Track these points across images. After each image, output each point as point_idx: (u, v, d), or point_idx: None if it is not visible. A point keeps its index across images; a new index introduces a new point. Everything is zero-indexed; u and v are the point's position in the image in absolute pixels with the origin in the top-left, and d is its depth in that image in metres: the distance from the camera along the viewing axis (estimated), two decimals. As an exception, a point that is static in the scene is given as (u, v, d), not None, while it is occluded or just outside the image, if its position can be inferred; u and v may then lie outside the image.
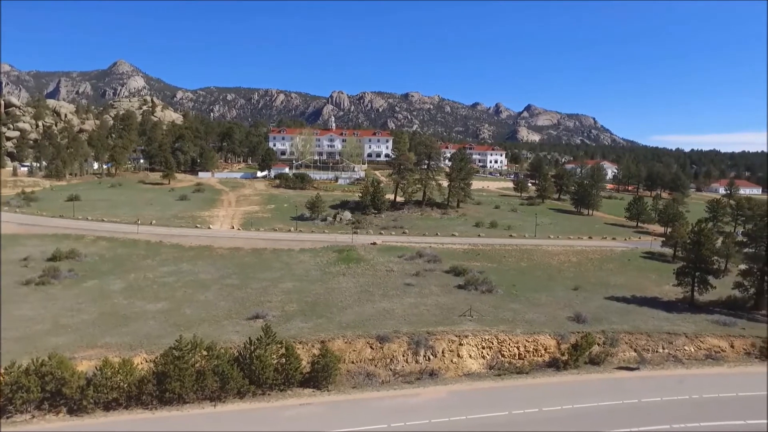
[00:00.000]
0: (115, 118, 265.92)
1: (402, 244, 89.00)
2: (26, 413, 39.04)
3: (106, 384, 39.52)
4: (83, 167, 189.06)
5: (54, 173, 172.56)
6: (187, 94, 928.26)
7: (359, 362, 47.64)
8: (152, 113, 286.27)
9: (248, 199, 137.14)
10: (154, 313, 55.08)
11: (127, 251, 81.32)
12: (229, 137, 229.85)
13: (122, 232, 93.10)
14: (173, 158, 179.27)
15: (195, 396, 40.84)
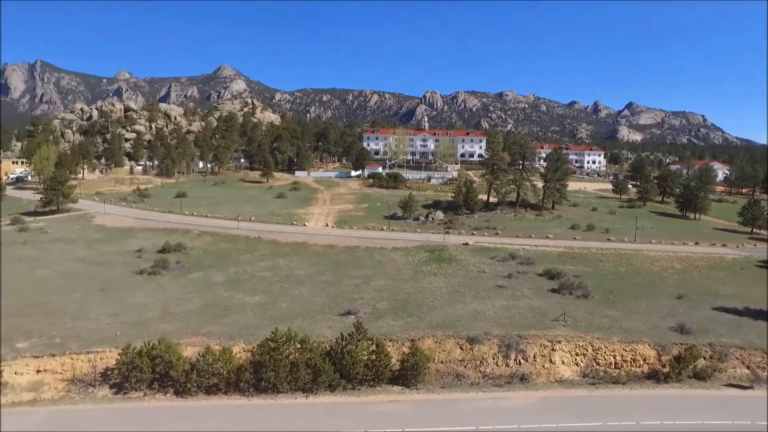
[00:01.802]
0: (219, 120, 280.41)
1: (494, 245, 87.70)
2: (139, 391, 42.36)
3: (207, 370, 42.02)
4: (190, 166, 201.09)
5: (164, 172, 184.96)
6: (285, 95, 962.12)
7: (449, 362, 47.50)
8: (252, 115, 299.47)
9: (342, 197, 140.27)
10: (252, 305, 57.68)
11: (228, 246, 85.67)
12: (325, 137, 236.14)
13: (224, 227, 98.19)
14: (271, 157, 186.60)
15: (288, 386, 42.42)
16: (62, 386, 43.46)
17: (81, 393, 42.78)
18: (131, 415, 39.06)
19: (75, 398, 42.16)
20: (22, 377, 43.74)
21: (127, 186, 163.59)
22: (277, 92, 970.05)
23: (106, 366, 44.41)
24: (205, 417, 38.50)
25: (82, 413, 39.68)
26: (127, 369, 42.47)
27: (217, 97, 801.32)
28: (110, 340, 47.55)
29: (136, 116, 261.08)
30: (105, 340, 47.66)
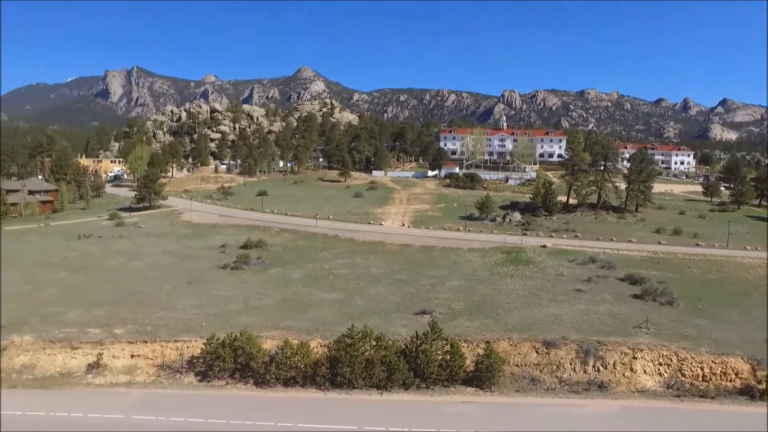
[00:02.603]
0: (299, 120, 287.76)
1: (573, 248, 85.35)
2: (222, 380, 44.46)
3: (286, 362, 43.46)
4: (271, 165, 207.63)
5: (247, 170, 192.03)
6: (363, 96, 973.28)
7: (524, 366, 46.74)
8: (331, 115, 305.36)
9: (419, 197, 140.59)
10: (329, 302, 59.04)
11: (307, 243, 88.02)
12: (402, 137, 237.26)
13: (303, 225, 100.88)
14: (349, 157, 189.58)
15: (363, 382, 43.14)
16: (153, 371, 46.29)
17: (169, 378, 45.40)
18: (214, 402, 41.01)
19: (164, 383, 44.77)
20: (118, 361, 47.05)
21: (212, 184, 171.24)
22: (355, 93, 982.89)
23: (192, 354, 46.91)
24: (282, 408, 39.86)
25: (170, 397, 42.11)
26: (211, 358, 44.69)
27: (297, 98, 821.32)
28: (196, 330, 50.17)
29: (221, 117, 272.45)
30: (191, 330, 50.35)
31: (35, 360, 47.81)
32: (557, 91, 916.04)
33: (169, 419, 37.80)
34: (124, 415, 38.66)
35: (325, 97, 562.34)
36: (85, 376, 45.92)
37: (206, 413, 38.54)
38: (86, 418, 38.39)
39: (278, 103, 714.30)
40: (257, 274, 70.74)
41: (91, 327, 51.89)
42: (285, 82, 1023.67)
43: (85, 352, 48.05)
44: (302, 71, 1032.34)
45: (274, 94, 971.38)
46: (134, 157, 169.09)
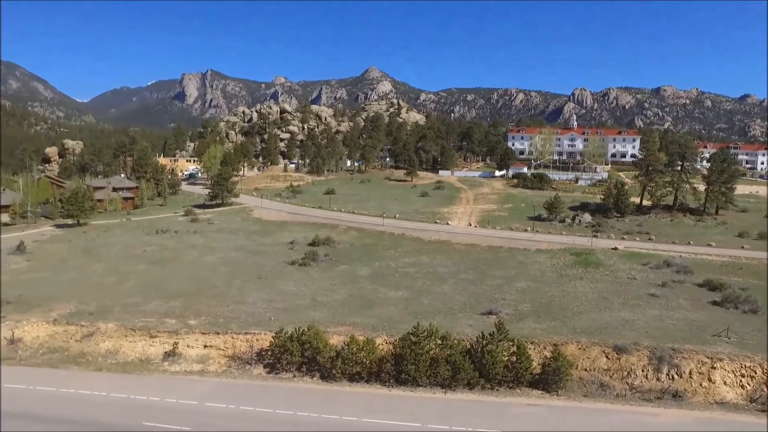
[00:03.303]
0: (366, 120, 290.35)
1: (647, 251, 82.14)
2: (289, 372, 45.61)
3: (351, 358, 44.05)
4: (338, 164, 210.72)
5: (315, 169, 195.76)
6: (430, 96, 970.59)
7: (593, 370, 45.40)
8: (398, 115, 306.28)
9: (486, 197, 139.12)
10: (395, 300, 59.40)
11: (373, 241, 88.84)
12: (469, 137, 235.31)
13: (369, 223, 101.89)
14: (416, 157, 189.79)
15: (428, 381, 43.16)
16: (224, 361, 48.06)
17: (239, 369, 46.98)
18: (282, 394, 42.12)
19: (234, 373, 46.38)
20: (192, 350, 49.18)
21: (282, 183, 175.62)
22: (422, 92, 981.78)
23: (261, 347, 48.35)
24: (347, 402, 40.42)
25: (240, 387, 43.59)
26: (279, 351, 45.92)
27: (365, 98, 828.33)
28: (265, 324, 51.70)
29: (291, 118, 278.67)
30: (260, 323, 51.93)
31: (118, 346, 50.77)
32: (631, 89, 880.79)
33: (239, 408, 39.14)
34: (197, 401, 40.33)
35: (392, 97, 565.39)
36: (162, 363, 48.26)
37: (274, 404, 39.64)
38: (163, 402, 40.34)
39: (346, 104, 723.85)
40: (324, 270, 72.04)
41: (168, 317, 54.51)
42: (352, 82, 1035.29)
43: (162, 340, 50.57)
44: (369, 72, 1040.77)
45: (341, 94, 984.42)
46: (208, 157, 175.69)
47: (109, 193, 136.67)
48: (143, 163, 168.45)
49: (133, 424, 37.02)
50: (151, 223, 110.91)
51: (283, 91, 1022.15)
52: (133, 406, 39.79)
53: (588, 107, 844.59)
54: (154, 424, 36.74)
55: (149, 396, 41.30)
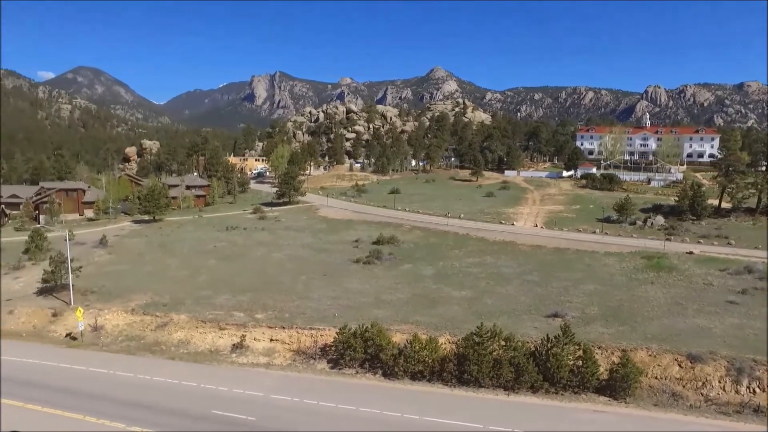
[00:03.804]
0: (431, 120, 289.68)
1: (725, 255, 77.97)
2: (352, 368, 46.19)
3: (414, 356, 44.16)
4: (403, 164, 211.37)
5: (380, 169, 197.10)
6: (496, 95, 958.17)
7: (664, 379, 43.55)
8: (463, 114, 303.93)
9: (552, 198, 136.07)
10: (459, 299, 59.08)
11: (437, 241, 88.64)
12: (536, 136, 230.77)
13: (434, 223, 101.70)
14: (481, 156, 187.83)
15: (490, 382, 42.69)
16: (289, 355, 49.24)
17: (304, 363, 48.02)
18: (344, 390, 42.71)
19: (299, 367, 47.45)
20: (259, 343, 50.68)
21: (347, 182, 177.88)
22: (488, 92, 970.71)
23: (325, 342, 49.24)
24: (409, 400, 40.53)
25: (304, 381, 44.54)
26: (342, 347, 46.61)
27: (430, 98, 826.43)
28: (329, 320, 52.62)
29: (356, 117, 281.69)
30: (325, 319, 52.88)
31: (189, 337, 53.03)
32: (710, 85, 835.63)
33: (303, 401, 40.00)
34: (263, 393, 41.51)
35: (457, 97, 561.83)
36: (230, 354, 49.99)
37: (337, 399, 40.25)
38: (230, 392, 41.77)
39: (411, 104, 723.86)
40: (389, 269, 72.50)
41: (236, 311, 56.42)
42: (417, 82, 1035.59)
43: (230, 333, 52.40)
44: (435, 71, 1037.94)
45: (407, 94, 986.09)
46: (276, 156, 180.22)
47: (182, 191, 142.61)
48: (214, 162, 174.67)
49: (202, 411, 38.54)
50: (222, 220, 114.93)
51: (349, 91, 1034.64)
52: (202, 395, 41.44)
53: (662, 105, 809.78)
54: (222, 413, 38.10)
55: (218, 386, 42.87)
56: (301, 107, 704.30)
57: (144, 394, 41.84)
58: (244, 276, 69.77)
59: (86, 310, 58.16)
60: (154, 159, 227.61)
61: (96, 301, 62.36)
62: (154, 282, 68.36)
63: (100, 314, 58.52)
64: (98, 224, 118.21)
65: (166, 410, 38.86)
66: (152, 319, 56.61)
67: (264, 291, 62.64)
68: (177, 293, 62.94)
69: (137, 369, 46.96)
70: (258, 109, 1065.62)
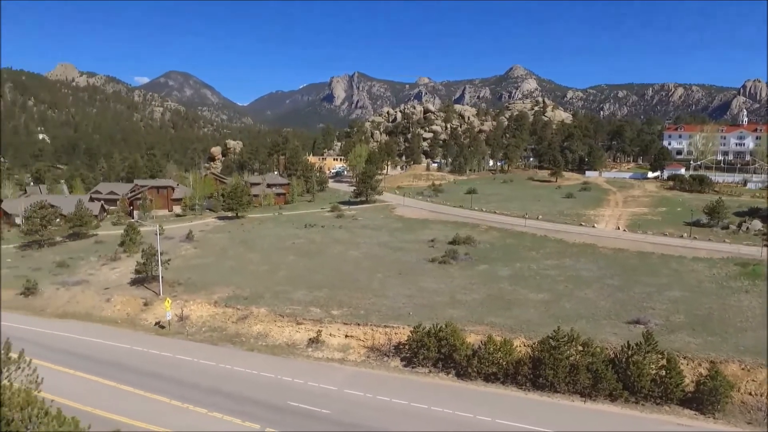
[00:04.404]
0: (509, 119, 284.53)
1: (832, 264, 71.96)
2: (425, 367, 46.28)
3: (488, 358, 43.69)
4: (480, 164, 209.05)
5: (457, 169, 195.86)
6: (577, 93, 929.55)
7: (759, 395, 40.71)
8: (543, 113, 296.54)
9: (636, 200, 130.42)
10: (535, 302, 57.85)
11: (514, 242, 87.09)
12: (619, 135, 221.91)
13: (511, 224, 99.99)
14: (561, 157, 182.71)
15: (566, 387, 41.58)
16: (363, 352, 49.95)
17: (377, 360, 48.57)
18: (417, 388, 42.88)
19: (372, 364, 48.04)
20: (334, 339, 51.74)
21: (424, 181, 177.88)
22: (569, 90, 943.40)
23: (399, 340, 49.58)
24: (482, 402, 40.16)
25: (377, 377, 45.08)
26: (416, 346, 46.77)
27: (508, 97, 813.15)
28: (404, 318, 52.93)
29: (434, 117, 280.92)
30: (399, 318, 53.24)
31: (268, 330, 54.89)
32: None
33: (376, 397, 40.50)
34: (337, 387, 42.39)
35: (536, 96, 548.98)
36: (306, 349, 51.31)
37: (409, 397, 40.49)
38: (306, 385, 42.93)
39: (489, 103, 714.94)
40: (464, 269, 72.00)
41: (313, 306, 57.81)
42: (496, 81, 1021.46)
43: (307, 328, 53.79)
44: (514, 70, 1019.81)
45: (485, 93, 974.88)
46: (354, 155, 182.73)
47: (263, 189, 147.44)
48: (294, 162, 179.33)
49: (279, 402, 39.84)
50: (300, 217, 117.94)
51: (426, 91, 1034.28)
52: (279, 386, 42.82)
53: (763, 101, 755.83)
54: (297, 405, 39.24)
55: (294, 378, 44.17)
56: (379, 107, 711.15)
57: (225, 382, 43.75)
58: (321, 273, 71.35)
59: (173, 301, 61.44)
60: (237, 158, 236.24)
61: (182, 292, 65.74)
62: (236, 276, 71.16)
63: (186, 305, 61.65)
64: (185, 220, 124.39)
65: (246, 399, 40.47)
66: (233, 311, 59.02)
67: (340, 288, 63.81)
68: (257, 287, 65.26)
69: (219, 358, 49.16)
70: (337, 110, 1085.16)
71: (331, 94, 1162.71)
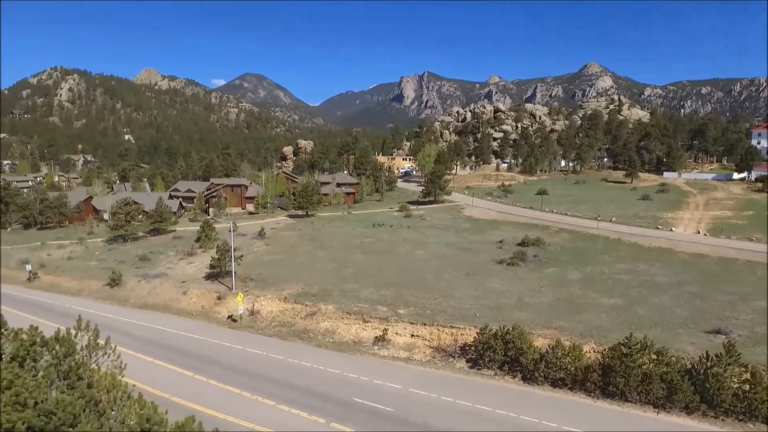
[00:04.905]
0: (583, 118, 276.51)
1: None
2: (491, 369, 45.79)
3: (556, 363, 42.71)
4: (552, 164, 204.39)
5: (527, 169, 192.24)
6: (656, 90, 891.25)
7: None
8: (618, 112, 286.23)
9: (719, 202, 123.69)
10: (606, 307, 56.02)
11: (585, 245, 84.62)
12: (701, 134, 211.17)
13: (582, 226, 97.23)
14: (637, 157, 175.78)
15: (638, 397, 40.04)
16: (429, 352, 49.98)
17: (443, 360, 48.48)
18: (482, 390, 42.49)
19: (438, 364, 47.99)
20: (400, 338, 52.06)
21: (493, 182, 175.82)
22: (646, 87, 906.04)
23: (465, 341, 49.30)
24: (548, 407, 39.33)
25: (442, 378, 44.98)
26: (482, 348, 46.34)
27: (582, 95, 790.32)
28: (470, 319, 52.56)
29: (504, 117, 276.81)
30: (465, 318, 52.91)
31: (335, 327, 55.88)
32: None
33: (440, 398, 40.46)
34: (401, 386, 42.64)
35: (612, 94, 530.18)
36: (372, 347, 51.86)
37: (474, 398, 40.20)
38: (371, 382, 43.44)
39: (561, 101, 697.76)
40: (533, 271, 70.68)
41: (379, 305, 58.35)
42: (569, 79, 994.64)
43: (373, 326, 54.36)
44: (588, 67, 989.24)
45: (557, 92, 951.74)
46: (423, 155, 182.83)
47: (333, 189, 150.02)
48: (364, 161, 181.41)
49: (344, 398, 40.54)
50: (369, 216, 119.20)
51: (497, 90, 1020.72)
52: (345, 382, 43.54)
53: None
54: (362, 401, 39.79)
55: (359, 375, 44.79)
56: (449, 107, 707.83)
57: (293, 376, 44.96)
58: (388, 271, 71.87)
59: (245, 296, 63.66)
60: (308, 157, 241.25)
61: (254, 287, 67.95)
62: (305, 273, 72.81)
63: (257, 300, 63.70)
64: (257, 218, 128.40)
65: (313, 393, 41.45)
66: (302, 307, 60.45)
67: (407, 287, 64.06)
68: (325, 284, 66.53)
69: (288, 353, 50.54)
70: (406, 109, 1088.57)
71: (400, 94, 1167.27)
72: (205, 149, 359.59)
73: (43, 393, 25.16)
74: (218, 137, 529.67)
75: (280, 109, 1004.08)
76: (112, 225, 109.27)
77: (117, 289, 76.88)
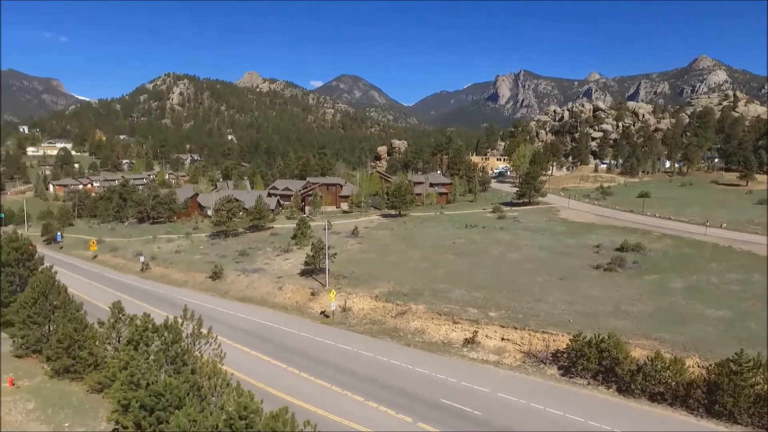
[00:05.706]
0: (691, 116, 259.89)
1: None
2: (583, 378, 44.25)
3: (655, 376, 40.52)
4: (655, 165, 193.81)
5: (628, 170, 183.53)
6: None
7: None
8: (733, 108, 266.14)
9: None
10: (714, 319, 52.46)
11: (691, 252, 79.55)
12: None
13: (688, 231, 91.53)
14: (754, 157, 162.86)
15: (749, 420, 37.19)
16: (519, 356, 49.06)
17: (533, 366, 47.41)
18: (574, 399, 41.12)
19: (528, 369, 47.01)
20: (490, 341, 51.49)
21: (591, 183, 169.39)
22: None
23: (557, 348, 47.95)
24: (645, 422, 37.41)
25: (532, 384, 44.01)
26: (575, 355, 44.85)
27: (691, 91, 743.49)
28: (563, 325, 51.04)
29: (604, 115, 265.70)
30: (558, 324, 51.43)
31: (425, 326, 56.14)
32: None
33: (529, 404, 39.62)
34: (490, 390, 42.16)
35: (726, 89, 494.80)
36: (461, 348, 51.62)
37: (565, 408, 39.03)
38: (459, 384, 43.28)
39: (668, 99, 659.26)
40: (631, 278, 67.45)
41: (470, 306, 57.95)
42: (677, 75, 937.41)
43: (463, 327, 54.10)
44: (699, 61, 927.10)
45: (663, 89, 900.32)
46: (517, 156, 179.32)
47: (426, 188, 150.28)
48: (457, 161, 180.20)
49: (432, 398, 40.70)
50: (462, 217, 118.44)
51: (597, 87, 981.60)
52: (433, 383, 43.67)
53: None
54: (450, 403, 39.76)
55: (448, 376, 44.74)
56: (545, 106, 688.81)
57: (382, 374, 45.69)
58: (479, 273, 71.18)
59: (338, 293, 65.34)
60: (402, 157, 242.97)
61: (346, 285, 69.57)
62: (397, 272, 73.58)
63: (349, 297, 65.18)
64: (351, 216, 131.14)
65: (401, 391, 41.93)
66: (393, 306, 61.18)
67: (498, 290, 63.17)
68: (416, 284, 66.93)
69: (377, 350, 51.39)
70: (501, 109, 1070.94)
71: (495, 93, 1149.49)
72: (302, 149, 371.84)
73: (153, 375, 27.42)
74: (315, 137, 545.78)
75: (374, 110, 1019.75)
76: (215, 221, 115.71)
77: (218, 282, 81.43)
